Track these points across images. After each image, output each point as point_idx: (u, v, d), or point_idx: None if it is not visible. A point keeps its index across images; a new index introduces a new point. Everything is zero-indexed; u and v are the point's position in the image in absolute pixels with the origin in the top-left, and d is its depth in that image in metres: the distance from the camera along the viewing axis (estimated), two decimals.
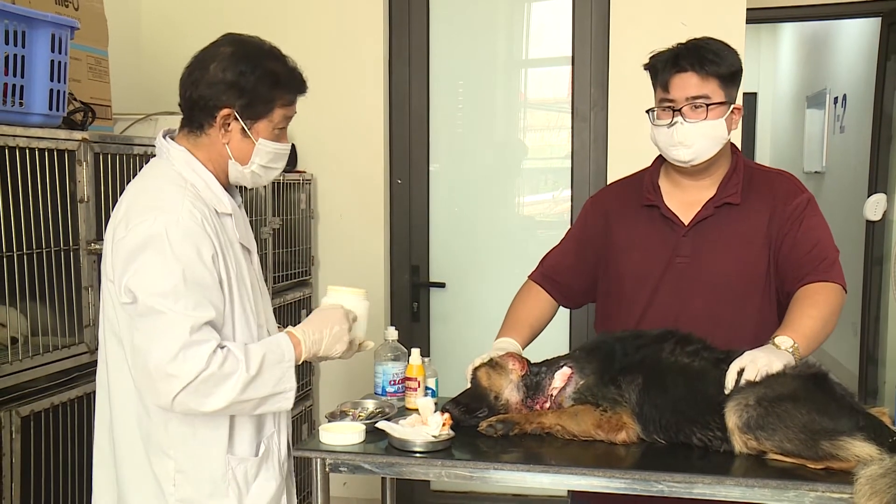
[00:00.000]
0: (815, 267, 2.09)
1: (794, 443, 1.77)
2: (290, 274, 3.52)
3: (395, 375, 2.28)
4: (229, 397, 1.72)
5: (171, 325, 1.69)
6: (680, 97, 2.09)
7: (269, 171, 1.94)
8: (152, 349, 1.69)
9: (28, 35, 2.09)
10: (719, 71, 2.08)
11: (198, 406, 1.72)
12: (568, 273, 2.37)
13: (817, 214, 2.18)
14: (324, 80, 3.73)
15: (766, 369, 1.86)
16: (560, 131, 3.77)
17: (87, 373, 2.31)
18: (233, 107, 1.82)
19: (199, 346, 1.69)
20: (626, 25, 3.54)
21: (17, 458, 2.02)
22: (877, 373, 5.28)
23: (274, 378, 1.79)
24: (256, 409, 1.80)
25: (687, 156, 2.11)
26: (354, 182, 3.77)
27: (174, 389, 1.68)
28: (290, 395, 1.82)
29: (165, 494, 1.82)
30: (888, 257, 5.08)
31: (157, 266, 1.71)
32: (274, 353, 1.81)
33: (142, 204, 1.78)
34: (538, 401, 2.05)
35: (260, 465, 1.90)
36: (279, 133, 1.90)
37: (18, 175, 2.07)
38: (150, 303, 1.70)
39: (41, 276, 2.18)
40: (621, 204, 2.31)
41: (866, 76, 5.68)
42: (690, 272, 2.16)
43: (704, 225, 2.18)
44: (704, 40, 2.14)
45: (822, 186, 7.09)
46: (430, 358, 2.40)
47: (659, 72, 2.14)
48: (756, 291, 2.15)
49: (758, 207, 2.17)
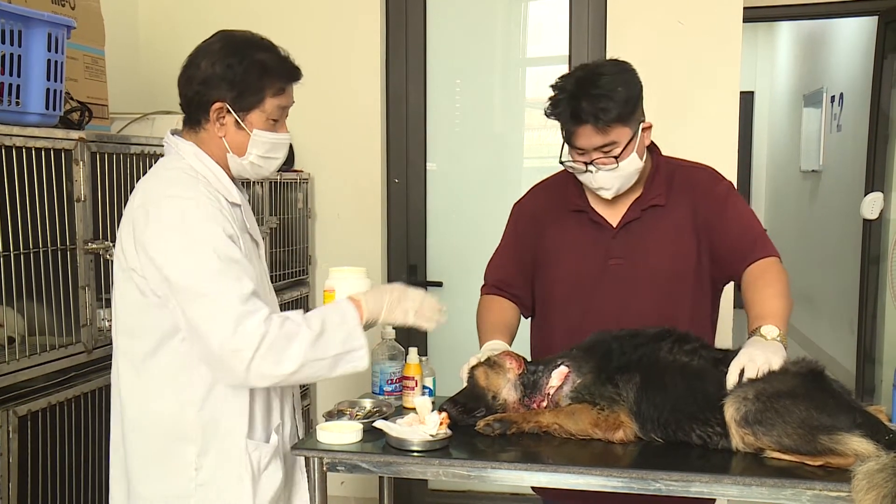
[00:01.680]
0: (751, 248, 2.15)
1: (793, 437, 1.78)
2: (287, 273, 3.52)
3: (393, 374, 2.28)
4: (301, 355, 1.76)
5: (220, 304, 1.73)
6: (587, 146, 2.08)
7: (270, 162, 1.96)
8: (211, 332, 1.73)
9: (24, 34, 2.09)
10: (618, 114, 2.03)
11: (274, 370, 1.75)
12: (513, 282, 2.36)
13: (739, 199, 2.24)
14: (321, 79, 3.72)
15: (766, 367, 1.87)
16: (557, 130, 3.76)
17: (84, 372, 2.32)
18: (224, 100, 1.85)
19: (254, 315, 1.74)
20: (623, 24, 3.54)
21: (14, 457, 2.02)
22: (874, 371, 5.28)
23: (341, 336, 1.83)
24: (333, 370, 1.84)
25: (610, 194, 2.15)
26: (352, 181, 3.77)
27: (245, 360, 1.72)
28: (363, 354, 1.86)
29: (185, 480, 1.85)
30: (885, 256, 5.09)
31: (189, 250, 1.75)
32: (335, 314, 1.86)
33: (159, 194, 1.82)
34: (535, 400, 2.05)
35: (272, 453, 1.94)
36: (275, 123, 1.91)
37: (15, 174, 2.06)
38: (194, 287, 1.74)
39: (38, 276, 2.18)
40: (548, 208, 2.32)
41: (863, 75, 5.68)
42: (626, 273, 2.19)
43: (633, 226, 2.21)
44: (592, 77, 2.06)
45: (819, 185, 7.10)
46: (427, 357, 2.41)
47: (560, 123, 2.12)
48: (689, 286, 2.20)
49: (681, 204, 2.20)
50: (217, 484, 1.87)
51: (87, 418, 2.30)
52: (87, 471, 2.31)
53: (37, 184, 2.14)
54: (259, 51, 1.88)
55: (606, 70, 2.10)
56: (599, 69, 2.10)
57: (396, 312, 1.94)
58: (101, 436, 2.34)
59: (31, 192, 2.12)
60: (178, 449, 1.85)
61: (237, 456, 1.88)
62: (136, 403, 1.88)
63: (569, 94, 2.07)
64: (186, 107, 1.91)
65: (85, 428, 2.29)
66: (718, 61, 3.46)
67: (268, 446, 1.93)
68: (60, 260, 2.23)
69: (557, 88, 2.10)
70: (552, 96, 2.12)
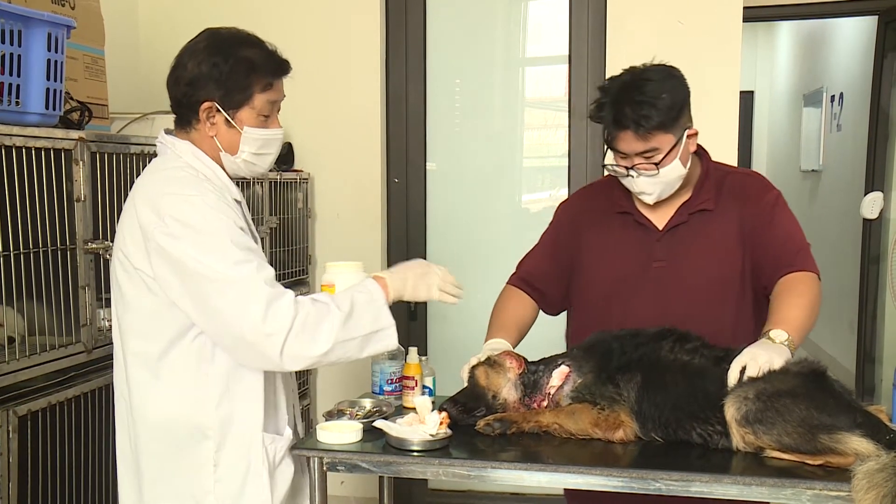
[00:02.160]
0: (791, 259, 2.12)
1: (793, 436, 1.78)
2: (287, 273, 3.52)
3: (393, 374, 2.28)
4: (332, 335, 1.77)
5: (248, 289, 1.73)
6: (630, 152, 2.08)
7: (263, 158, 1.95)
8: (242, 319, 1.73)
9: (24, 34, 2.09)
10: (660, 121, 2.03)
11: (308, 351, 1.76)
12: (545, 279, 2.36)
13: (786, 209, 2.21)
14: (321, 79, 3.73)
15: (767, 366, 1.87)
16: (557, 130, 3.78)
17: (84, 372, 2.31)
18: (213, 99, 1.85)
19: (282, 298, 1.75)
20: (623, 24, 3.54)
21: (14, 457, 2.02)
22: (874, 371, 5.28)
23: (370, 316, 1.84)
24: (363, 350, 1.84)
25: (651, 199, 2.14)
26: (351, 181, 3.77)
27: (278, 344, 1.73)
28: (391, 332, 1.87)
29: (204, 476, 1.85)
30: (885, 255, 5.09)
31: (209, 241, 1.75)
32: (362, 294, 1.86)
33: (162, 192, 1.80)
34: (536, 399, 2.05)
35: (286, 447, 1.95)
36: (266, 119, 1.90)
37: (15, 174, 2.06)
38: (220, 276, 1.73)
39: (38, 276, 2.18)
40: (593, 210, 2.31)
41: (863, 74, 5.68)
42: (669, 276, 2.17)
43: (679, 230, 2.19)
44: (643, 81, 2.05)
45: (819, 185, 7.10)
46: (427, 357, 2.41)
47: (603, 128, 2.11)
48: (733, 293, 2.17)
49: (730, 209, 2.19)
50: (235, 479, 1.87)
51: (87, 418, 2.30)
52: (87, 470, 2.31)
53: (37, 184, 2.14)
54: (245, 47, 1.87)
55: (652, 76, 2.07)
56: (645, 74, 2.08)
57: (420, 288, 1.95)
58: (102, 436, 2.34)
59: (31, 192, 2.12)
60: (196, 446, 1.85)
61: (255, 450, 1.88)
62: (152, 405, 1.86)
63: (612, 98, 2.06)
64: (177, 107, 1.90)
65: (85, 428, 2.29)
66: (718, 61, 3.45)
67: (282, 439, 1.94)
68: (60, 260, 2.23)
69: (603, 91, 2.10)
70: (597, 99, 2.11)
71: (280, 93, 1.92)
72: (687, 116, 2.12)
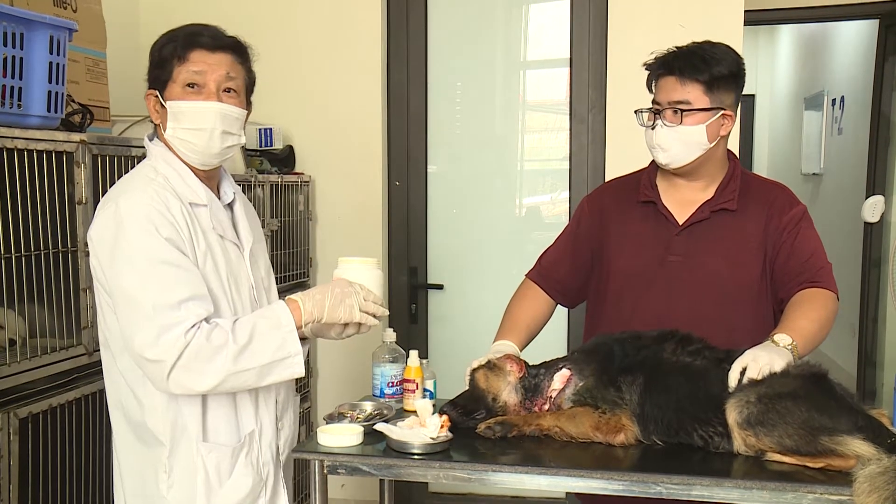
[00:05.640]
0: (812, 275, 2.13)
1: (794, 438, 1.78)
2: (288, 276, 3.52)
3: (394, 377, 2.28)
4: (223, 370, 1.72)
5: (145, 311, 1.70)
6: (663, 100, 2.12)
7: (198, 135, 1.85)
8: (133, 337, 1.72)
9: (26, 37, 2.09)
10: (703, 77, 2.08)
11: (194, 384, 1.73)
12: (564, 271, 2.38)
13: (811, 227, 2.21)
14: (322, 81, 3.73)
15: (768, 368, 1.87)
16: (558, 133, 3.78)
17: (86, 374, 2.31)
18: (150, 87, 1.88)
19: (177, 326, 1.70)
20: (624, 27, 3.54)
21: (15, 459, 2.02)
22: (875, 375, 5.28)
23: (273, 344, 1.77)
24: (263, 380, 1.78)
25: (663, 159, 2.15)
26: (352, 184, 3.77)
27: (164, 372, 1.70)
28: (296, 361, 1.79)
29: (161, 482, 1.84)
30: (886, 259, 5.08)
31: (121, 254, 1.74)
32: (268, 319, 1.79)
33: (109, 196, 1.82)
34: (537, 402, 2.05)
35: (231, 459, 1.88)
36: (191, 90, 1.85)
37: (17, 177, 2.06)
38: (124, 292, 1.73)
39: (39, 278, 2.18)
40: (617, 202, 2.33)
41: (864, 78, 5.68)
42: (683, 271, 2.17)
43: (699, 227, 2.19)
44: (704, 44, 2.14)
45: (820, 188, 7.09)
46: (428, 360, 2.41)
47: (650, 73, 2.17)
48: (748, 296, 2.16)
49: (754, 215, 2.19)
50: (184, 487, 1.84)
51: (88, 420, 2.30)
52: (87, 473, 2.31)
53: (38, 186, 2.14)
54: (174, 30, 1.90)
55: (720, 46, 2.14)
56: (716, 43, 2.14)
57: (339, 310, 1.83)
58: (102, 438, 2.34)
59: (32, 195, 2.12)
60: (153, 452, 1.84)
61: (192, 459, 1.84)
62: (118, 410, 1.88)
63: (670, 51, 2.13)
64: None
65: (86, 430, 2.29)
66: None
67: (225, 449, 1.86)
68: (62, 262, 2.23)
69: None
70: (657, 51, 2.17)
71: (201, 65, 1.84)
72: (729, 96, 2.14)
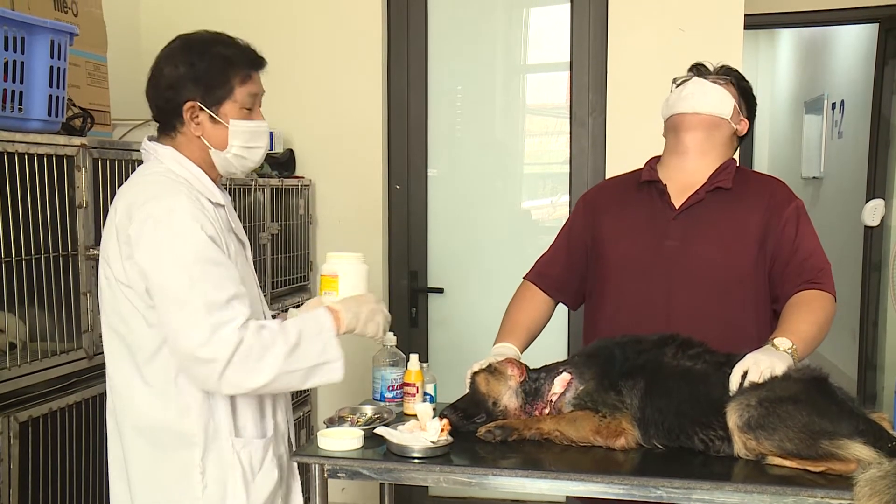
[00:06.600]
0: (812, 276, 2.13)
1: (794, 442, 1.78)
2: (288, 279, 3.52)
3: (394, 381, 2.28)
4: (275, 368, 1.76)
5: (197, 311, 1.72)
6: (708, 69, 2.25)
7: (253, 152, 1.95)
8: (187, 339, 1.73)
9: (27, 41, 2.09)
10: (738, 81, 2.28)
11: (246, 382, 1.75)
12: (560, 267, 2.39)
13: (809, 222, 2.23)
14: (323, 85, 3.73)
15: (769, 371, 1.88)
16: (558, 136, 3.78)
17: (86, 378, 2.31)
18: (195, 98, 1.86)
19: (229, 324, 1.73)
20: (624, 31, 3.54)
21: (16, 463, 2.02)
22: (875, 378, 5.28)
23: (317, 348, 1.83)
24: (307, 381, 1.84)
25: (691, 103, 2.21)
26: (353, 187, 3.77)
27: (217, 371, 1.72)
28: (337, 366, 1.86)
29: (194, 483, 1.85)
30: (886, 263, 5.08)
31: (170, 254, 1.75)
32: (312, 324, 1.85)
33: (139, 199, 1.81)
34: (537, 406, 2.05)
35: (263, 452, 1.93)
36: (249, 112, 1.92)
37: (17, 181, 2.06)
38: (173, 293, 1.74)
39: (40, 282, 2.18)
40: (610, 197, 2.35)
41: (864, 82, 5.69)
42: (678, 257, 2.17)
43: (695, 210, 2.20)
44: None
45: (820, 192, 7.10)
46: (428, 363, 2.41)
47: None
48: (743, 284, 2.16)
49: (753, 201, 2.20)
50: (218, 485, 1.87)
51: (88, 424, 2.30)
52: (88, 477, 2.31)
53: (39, 190, 2.14)
54: (218, 45, 1.90)
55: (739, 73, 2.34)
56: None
57: (370, 326, 1.96)
58: (102, 442, 2.33)
59: (33, 199, 2.12)
60: (183, 453, 1.85)
61: (229, 455, 1.87)
62: (140, 412, 1.87)
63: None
64: (159, 115, 1.92)
65: (86, 434, 2.29)
66: None
67: (258, 443, 1.92)
68: (62, 266, 2.23)
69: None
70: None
71: (259, 86, 1.94)
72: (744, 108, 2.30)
